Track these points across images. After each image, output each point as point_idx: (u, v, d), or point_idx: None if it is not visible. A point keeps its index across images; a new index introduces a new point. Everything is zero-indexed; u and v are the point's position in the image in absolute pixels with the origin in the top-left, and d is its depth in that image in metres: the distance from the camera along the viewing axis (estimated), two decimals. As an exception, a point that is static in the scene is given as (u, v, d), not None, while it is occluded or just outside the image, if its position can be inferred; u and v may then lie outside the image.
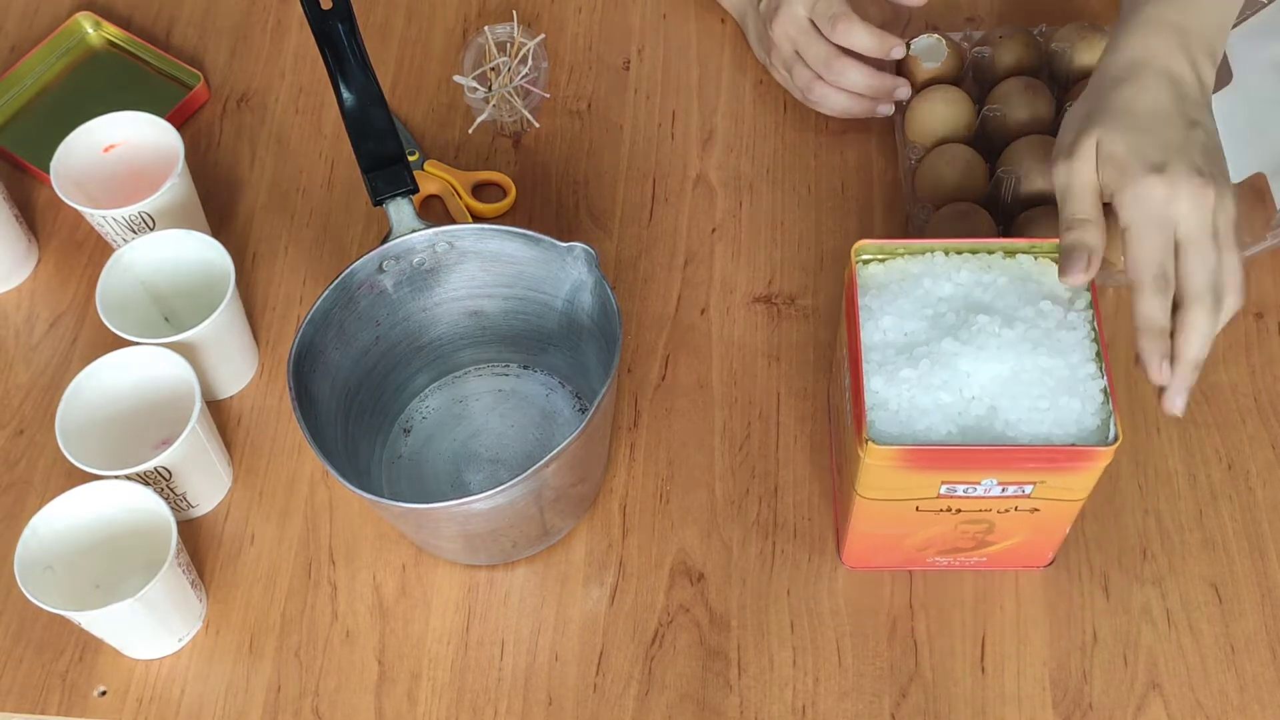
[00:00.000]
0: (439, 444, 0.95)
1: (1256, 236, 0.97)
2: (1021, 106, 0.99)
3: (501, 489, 0.78)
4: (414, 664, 0.88)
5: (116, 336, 0.91)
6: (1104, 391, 0.77)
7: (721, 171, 1.06)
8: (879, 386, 0.78)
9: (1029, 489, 0.78)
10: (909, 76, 1.03)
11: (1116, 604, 0.88)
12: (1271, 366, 0.95)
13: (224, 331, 0.93)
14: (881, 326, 0.80)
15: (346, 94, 0.88)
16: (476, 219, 1.05)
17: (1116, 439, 0.75)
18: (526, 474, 0.77)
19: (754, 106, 1.09)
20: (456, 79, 1.07)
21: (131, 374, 0.90)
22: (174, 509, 0.86)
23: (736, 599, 0.89)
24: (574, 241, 0.85)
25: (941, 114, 1.00)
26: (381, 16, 1.16)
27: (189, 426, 0.86)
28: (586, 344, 0.90)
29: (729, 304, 1.00)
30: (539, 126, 1.09)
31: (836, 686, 0.86)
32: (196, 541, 0.93)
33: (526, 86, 1.07)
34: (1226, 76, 0.95)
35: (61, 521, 0.85)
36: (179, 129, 0.99)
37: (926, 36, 1.03)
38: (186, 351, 0.90)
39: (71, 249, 1.05)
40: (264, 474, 0.95)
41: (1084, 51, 1.01)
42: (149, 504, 0.85)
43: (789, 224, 1.04)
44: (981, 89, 1.03)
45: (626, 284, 1.01)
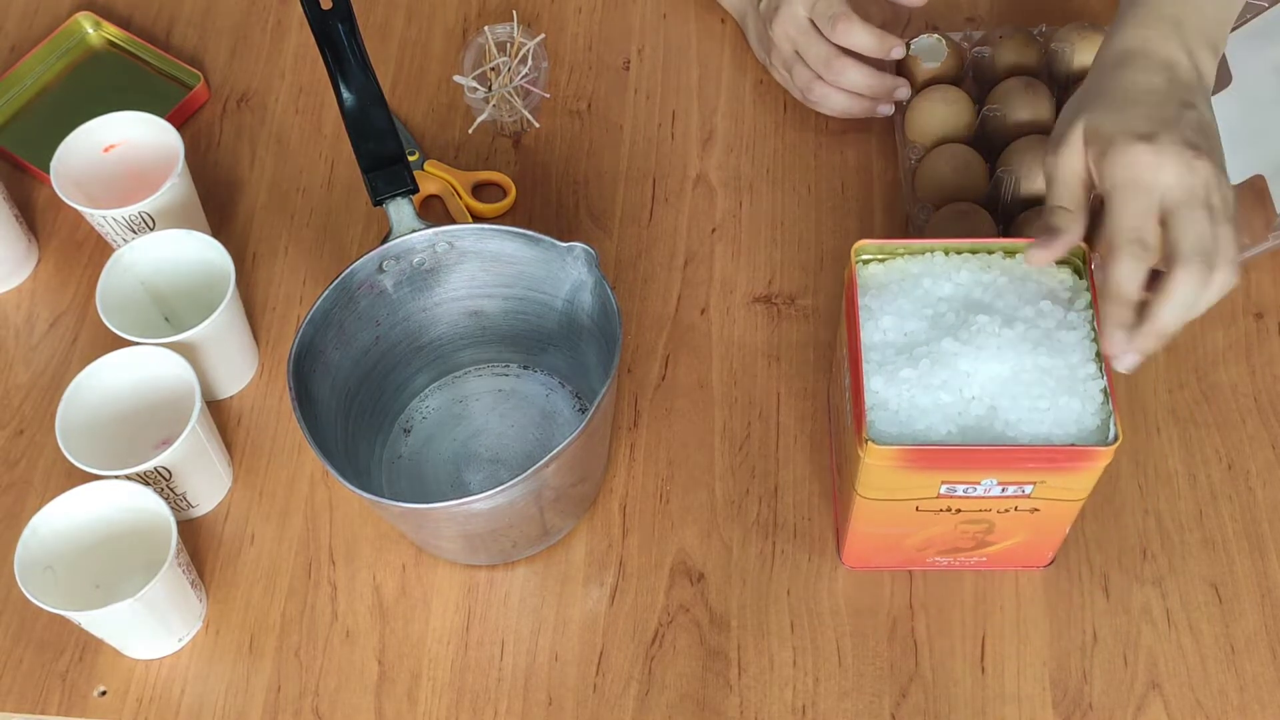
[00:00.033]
0: (439, 444, 0.95)
1: (1257, 238, 0.97)
2: (1021, 106, 0.99)
3: (501, 489, 0.78)
4: (414, 664, 0.88)
5: (116, 336, 0.91)
6: (1104, 391, 0.76)
7: (721, 171, 1.06)
8: (879, 386, 0.77)
9: (1029, 489, 0.78)
10: (909, 76, 1.03)
11: (1116, 604, 0.88)
12: (1271, 366, 0.95)
13: (224, 331, 0.93)
14: (881, 326, 0.80)
15: (346, 94, 0.88)
16: (476, 219, 1.05)
17: (1116, 439, 0.75)
18: (526, 474, 0.77)
19: (754, 106, 1.09)
20: (456, 79, 1.07)
21: (131, 374, 0.90)
22: (174, 509, 0.86)
23: (736, 599, 0.89)
24: (574, 241, 0.85)
25: (941, 114, 1.00)
26: (381, 16, 1.16)
27: (189, 426, 0.86)
28: (586, 344, 0.90)
29: (729, 304, 1.00)
30: (539, 126, 1.09)
31: (836, 686, 0.86)
32: (196, 541, 0.93)
33: (526, 86, 1.07)
34: (1226, 79, 0.95)
35: (61, 521, 0.85)
36: (179, 129, 0.99)
37: (926, 36, 1.03)
38: (186, 351, 0.90)
39: (71, 249, 1.05)
40: (264, 474, 0.95)
41: (1084, 51, 1.00)
42: (149, 504, 0.85)
43: (789, 224, 1.04)
44: (981, 89, 1.03)
45: (626, 284, 1.01)
